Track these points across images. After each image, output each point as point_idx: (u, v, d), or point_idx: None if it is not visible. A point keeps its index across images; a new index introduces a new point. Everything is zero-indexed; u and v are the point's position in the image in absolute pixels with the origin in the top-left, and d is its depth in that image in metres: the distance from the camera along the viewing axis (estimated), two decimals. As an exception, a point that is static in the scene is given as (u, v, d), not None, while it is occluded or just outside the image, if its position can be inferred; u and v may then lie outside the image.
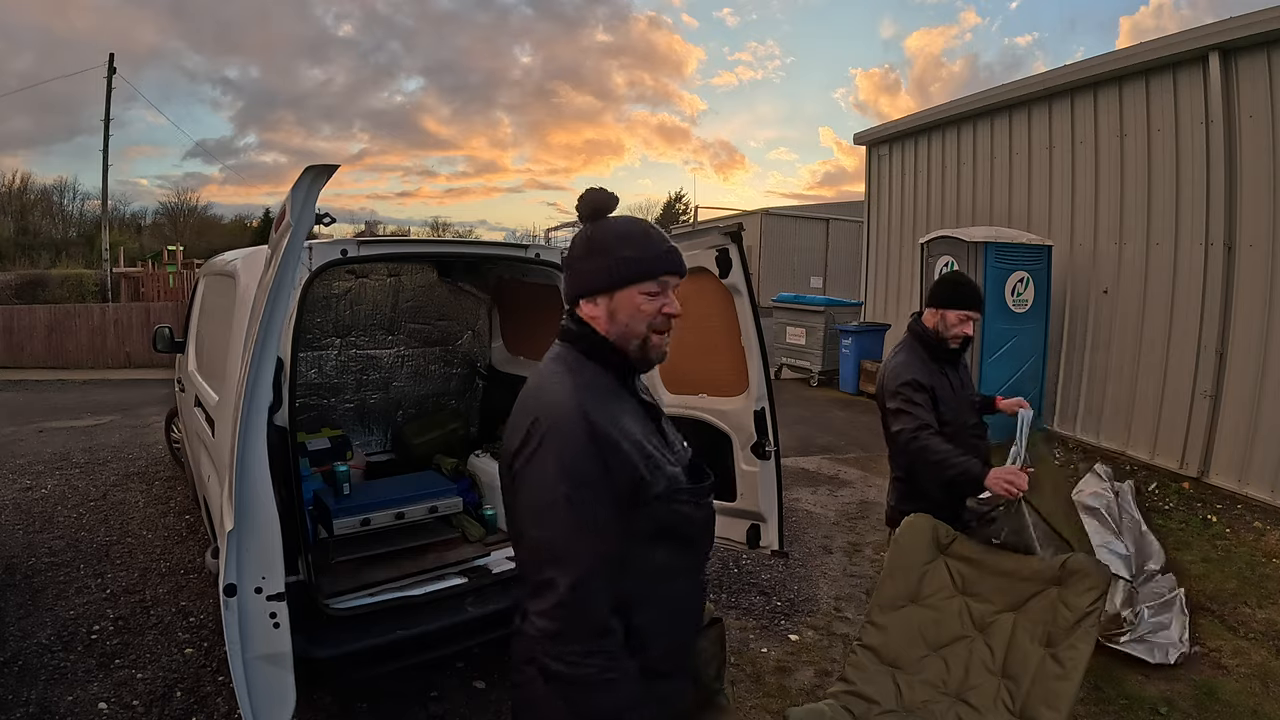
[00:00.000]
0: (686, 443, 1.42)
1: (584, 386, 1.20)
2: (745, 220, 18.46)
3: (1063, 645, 2.10)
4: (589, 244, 1.26)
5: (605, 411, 1.17)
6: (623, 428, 1.18)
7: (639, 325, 1.24)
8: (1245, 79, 5.41)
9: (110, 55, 18.88)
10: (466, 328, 4.63)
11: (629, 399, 1.27)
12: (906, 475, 2.63)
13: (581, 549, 1.12)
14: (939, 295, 2.60)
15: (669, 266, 1.26)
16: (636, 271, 1.23)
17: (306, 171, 1.71)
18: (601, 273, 1.24)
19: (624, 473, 1.15)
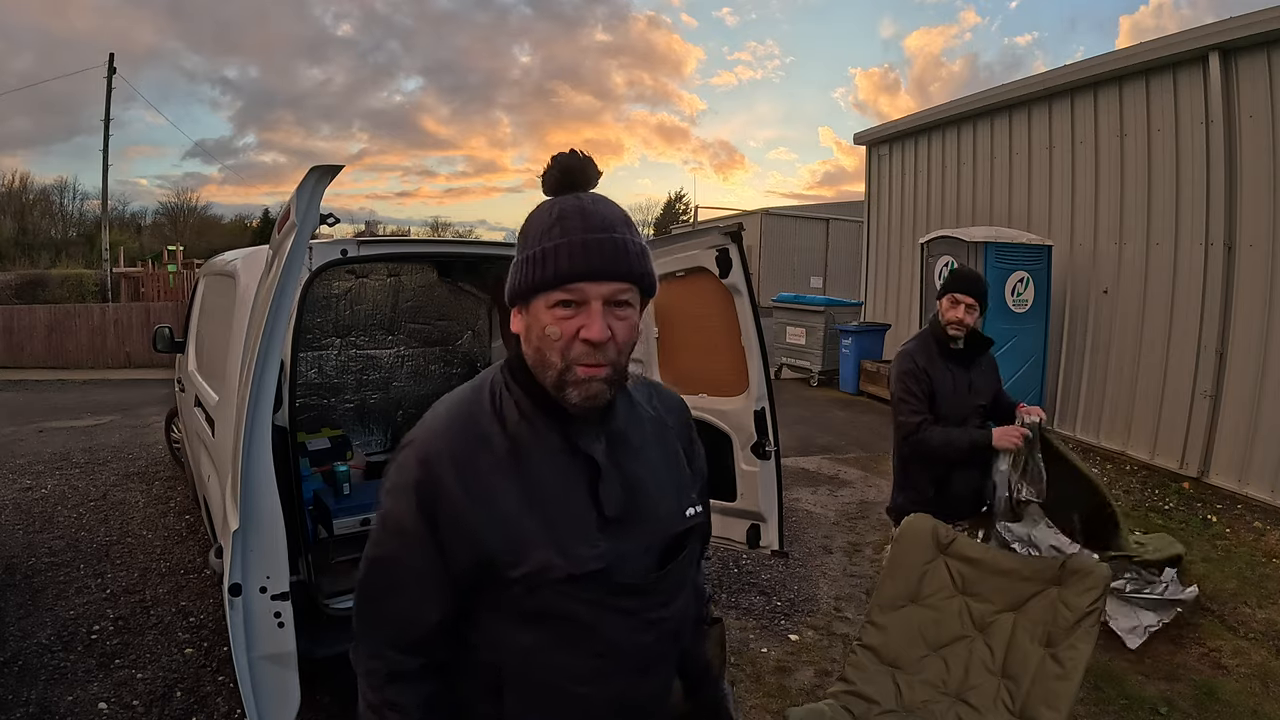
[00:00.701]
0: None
1: (459, 418, 0.95)
2: (745, 220, 18.46)
3: (1063, 645, 2.10)
4: (524, 226, 0.94)
5: (467, 459, 0.92)
6: (482, 487, 0.91)
7: (550, 352, 0.90)
8: (1245, 79, 5.41)
9: (110, 55, 18.89)
10: (466, 328, 4.63)
11: (559, 455, 0.94)
12: (900, 464, 2.73)
13: (370, 616, 0.98)
14: (944, 285, 2.67)
15: (587, 269, 0.86)
16: (538, 276, 0.88)
17: (311, 172, 1.71)
18: (511, 275, 0.93)
19: (461, 540, 0.91)
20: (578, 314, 0.88)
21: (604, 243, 0.88)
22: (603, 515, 0.94)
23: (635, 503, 0.97)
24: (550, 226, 0.89)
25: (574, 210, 0.89)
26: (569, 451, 0.95)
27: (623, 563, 0.95)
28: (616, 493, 0.96)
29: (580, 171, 0.93)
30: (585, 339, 0.88)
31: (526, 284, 0.90)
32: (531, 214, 0.93)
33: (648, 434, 1.04)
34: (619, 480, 0.96)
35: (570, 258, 0.87)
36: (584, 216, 0.89)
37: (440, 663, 0.99)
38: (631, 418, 1.03)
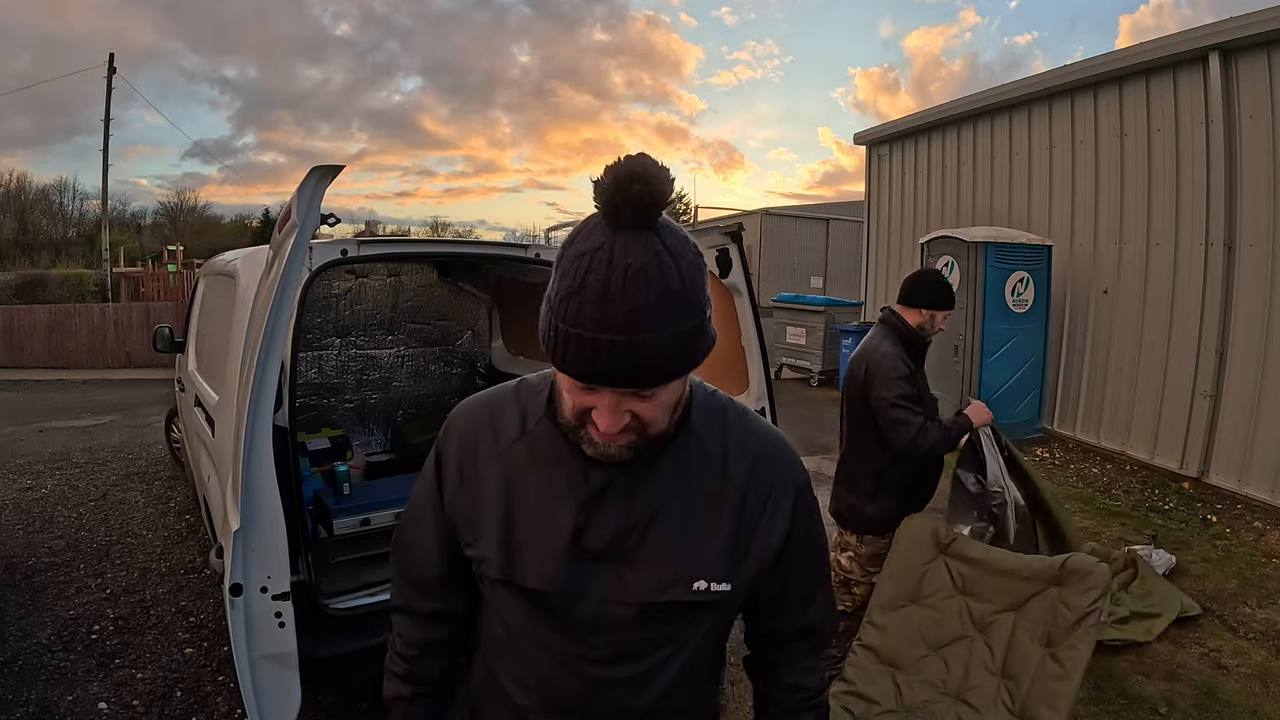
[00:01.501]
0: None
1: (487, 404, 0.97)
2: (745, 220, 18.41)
3: (1063, 645, 2.10)
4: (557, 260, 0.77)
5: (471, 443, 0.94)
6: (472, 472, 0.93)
7: (565, 411, 0.84)
8: (1245, 79, 5.41)
9: (110, 55, 18.90)
10: (466, 328, 4.63)
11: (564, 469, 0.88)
12: (872, 472, 2.63)
13: (398, 546, 1.06)
14: (929, 297, 2.59)
15: (594, 374, 0.74)
16: (556, 355, 0.75)
17: (312, 172, 1.71)
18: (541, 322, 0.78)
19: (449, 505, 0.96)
20: (592, 396, 0.78)
21: (620, 349, 0.71)
22: (577, 542, 0.87)
23: (624, 547, 0.87)
24: (571, 291, 0.72)
25: (599, 284, 0.70)
26: (577, 467, 0.87)
27: (578, 598, 0.88)
28: (604, 527, 0.87)
29: (638, 202, 0.70)
30: (598, 426, 0.80)
31: (548, 346, 0.76)
32: (569, 245, 0.74)
33: (691, 486, 0.89)
34: (616, 517, 0.87)
35: (578, 359, 0.73)
36: (605, 298, 0.69)
37: (458, 615, 1.03)
38: (678, 462, 0.89)
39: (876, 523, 2.64)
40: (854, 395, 2.63)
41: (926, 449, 2.43)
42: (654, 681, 0.92)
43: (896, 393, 2.46)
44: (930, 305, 2.59)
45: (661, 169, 0.71)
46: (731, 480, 0.91)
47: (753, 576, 0.93)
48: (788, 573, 0.97)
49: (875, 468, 2.61)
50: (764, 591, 0.97)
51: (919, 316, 2.60)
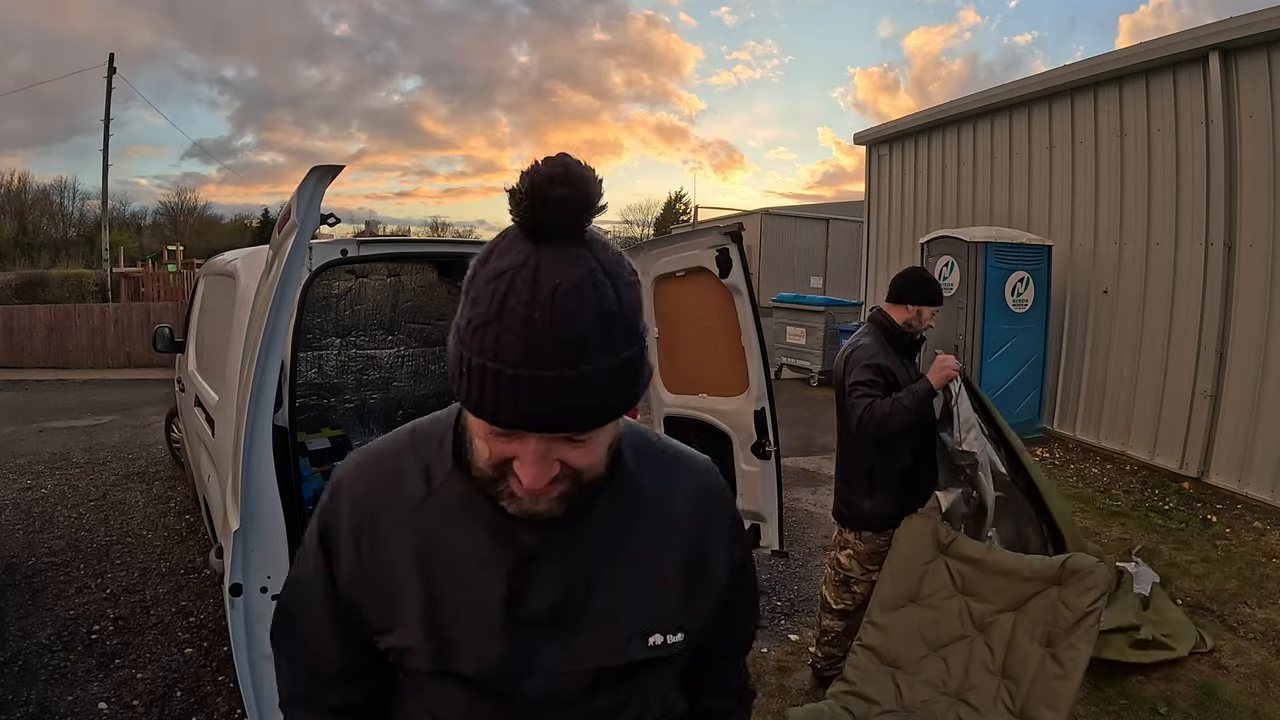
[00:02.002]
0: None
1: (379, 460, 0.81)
2: (745, 220, 18.46)
3: (1063, 645, 2.10)
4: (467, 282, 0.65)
5: (367, 509, 0.78)
6: (371, 542, 0.78)
7: (480, 462, 0.71)
8: (1245, 79, 5.41)
9: (110, 55, 18.90)
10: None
11: (476, 518, 0.75)
12: (866, 470, 2.65)
13: (283, 638, 0.88)
14: (915, 293, 2.64)
15: (515, 418, 0.62)
16: (469, 396, 0.63)
17: (312, 172, 1.71)
18: (452, 341, 0.66)
19: (345, 586, 0.80)
20: (512, 444, 0.66)
21: (549, 386, 0.60)
22: (515, 614, 0.75)
23: (567, 612, 0.77)
24: (488, 320, 0.60)
25: (522, 308, 0.59)
26: (500, 527, 0.74)
27: (524, 677, 0.76)
28: (542, 593, 0.75)
29: (564, 207, 0.60)
30: (515, 473, 0.68)
31: (460, 390, 0.64)
32: (481, 264, 0.63)
33: (632, 533, 0.80)
34: (554, 580, 0.76)
35: (497, 401, 0.61)
36: (530, 326, 0.59)
37: (366, 705, 0.86)
38: (615, 508, 0.78)
39: (874, 519, 2.64)
40: (838, 395, 2.68)
41: (878, 423, 2.41)
42: None
43: (854, 379, 2.51)
44: (916, 301, 2.64)
45: (587, 169, 0.61)
46: (673, 521, 0.83)
47: (705, 618, 0.86)
48: (732, 603, 0.92)
49: (867, 464, 2.63)
50: (709, 625, 0.89)
51: (906, 313, 2.64)
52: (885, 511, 2.63)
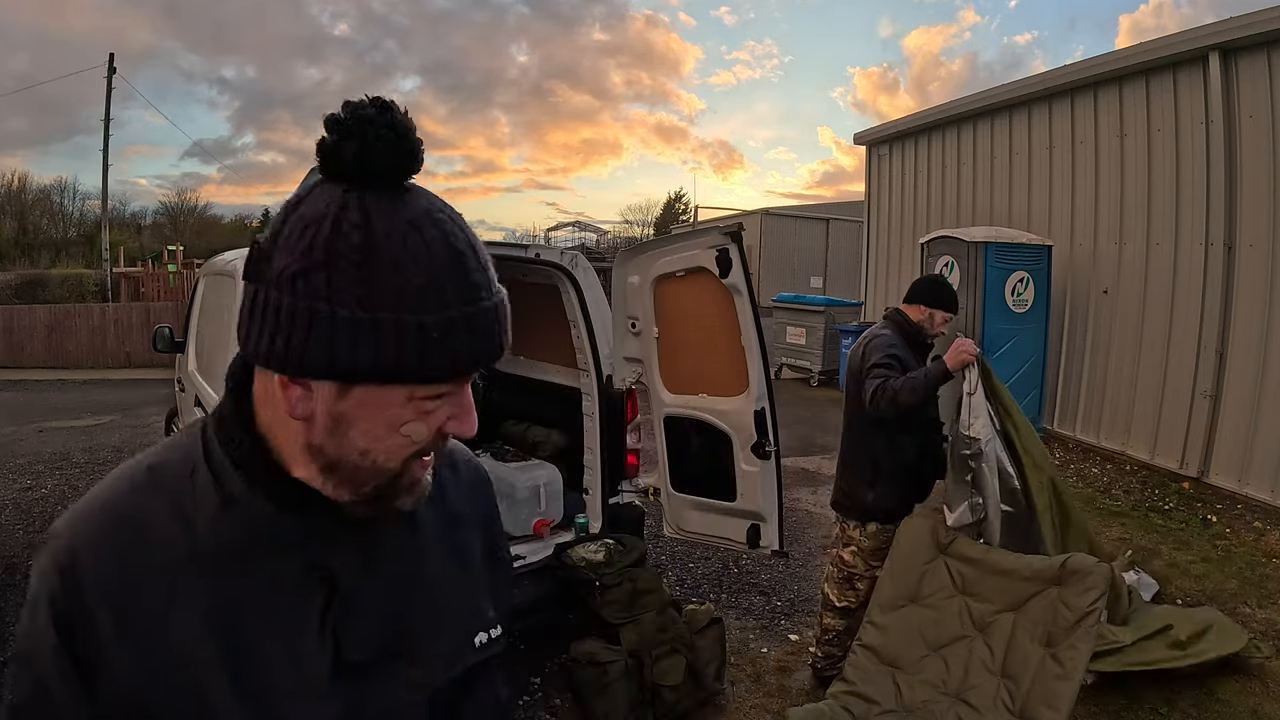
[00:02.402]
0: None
1: (118, 509, 0.63)
2: (745, 220, 18.46)
3: (1063, 645, 2.11)
4: (324, 254, 0.56)
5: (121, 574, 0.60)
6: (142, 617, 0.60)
7: (389, 457, 0.62)
8: (1245, 79, 5.41)
9: (110, 55, 18.90)
10: (467, 328, 4.63)
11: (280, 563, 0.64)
12: (870, 461, 2.69)
13: None
14: (929, 295, 2.72)
15: (477, 357, 0.61)
16: (416, 359, 0.57)
17: (313, 172, 1.71)
18: (344, 338, 0.56)
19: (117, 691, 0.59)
20: (445, 403, 0.62)
21: (491, 315, 0.61)
22: (339, 660, 0.66)
23: (398, 638, 0.70)
24: (429, 281, 0.57)
25: (443, 251, 0.58)
26: (295, 561, 0.64)
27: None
28: (367, 625, 0.67)
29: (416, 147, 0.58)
30: (449, 432, 0.64)
31: (390, 364, 0.57)
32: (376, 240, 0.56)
33: (432, 533, 0.75)
34: (376, 607, 0.68)
35: (471, 345, 0.59)
36: (461, 262, 0.58)
37: None
38: (412, 512, 0.70)
39: (876, 511, 2.66)
40: (852, 381, 2.73)
41: (889, 399, 2.44)
42: None
43: (872, 362, 2.56)
44: (929, 303, 2.69)
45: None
46: (463, 512, 0.79)
47: (508, 608, 0.83)
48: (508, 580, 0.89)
49: (872, 454, 2.67)
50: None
51: (919, 313, 2.71)
52: (888, 504, 2.65)
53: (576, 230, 32.24)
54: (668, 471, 3.26)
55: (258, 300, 0.57)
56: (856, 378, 2.67)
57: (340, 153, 0.56)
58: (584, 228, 32.70)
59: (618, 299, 3.26)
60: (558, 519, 3.43)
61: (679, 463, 3.22)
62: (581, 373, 3.35)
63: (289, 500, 0.63)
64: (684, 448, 3.19)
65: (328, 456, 0.62)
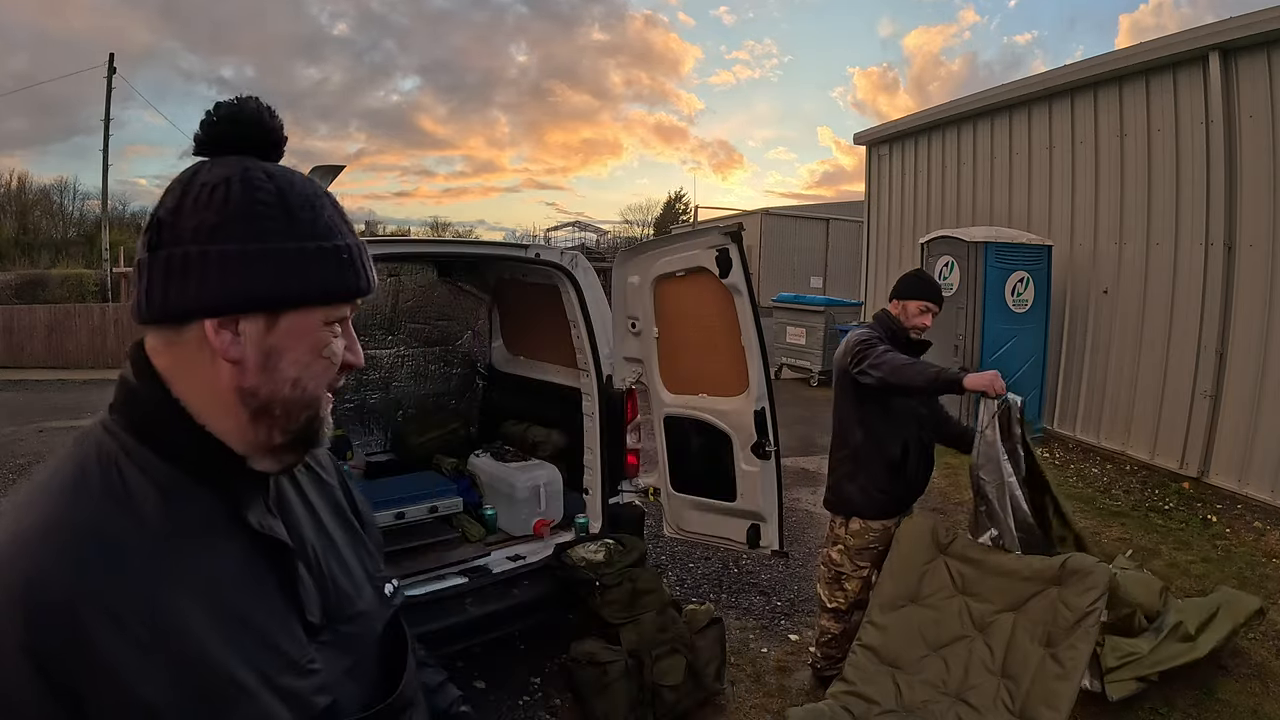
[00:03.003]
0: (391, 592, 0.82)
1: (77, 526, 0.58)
2: (745, 220, 18.46)
3: (1063, 645, 2.11)
4: (243, 203, 0.62)
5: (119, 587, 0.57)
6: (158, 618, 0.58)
7: (316, 383, 0.68)
8: (1245, 79, 5.41)
9: (110, 55, 18.91)
10: (466, 328, 4.63)
11: (231, 540, 0.65)
12: (850, 454, 2.71)
13: None
14: (901, 288, 2.74)
15: (368, 275, 0.70)
16: (338, 278, 0.66)
17: (313, 172, 1.71)
18: (275, 267, 0.62)
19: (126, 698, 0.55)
20: (344, 332, 0.70)
21: (365, 247, 0.70)
22: (306, 621, 0.68)
23: (333, 598, 0.72)
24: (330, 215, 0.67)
25: (315, 196, 0.67)
26: (242, 535, 0.65)
27: (348, 689, 0.70)
28: (312, 585, 0.70)
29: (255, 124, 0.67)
30: (350, 363, 0.71)
31: (316, 285, 0.65)
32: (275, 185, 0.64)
33: (311, 491, 0.79)
34: (311, 568, 0.71)
35: (364, 268, 0.69)
36: (337, 204, 0.69)
37: None
38: (295, 480, 0.77)
39: (858, 505, 2.67)
40: (837, 377, 2.75)
41: (890, 368, 2.41)
42: None
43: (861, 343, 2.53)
44: (902, 296, 2.70)
45: None
46: (321, 475, 0.83)
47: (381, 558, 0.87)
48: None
49: (853, 447, 2.69)
50: None
51: (896, 308, 2.72)
52: (869, 498, 2.65)
53: (576, 230, 32.28)
54: (668, 471, 3.26)
55: (172, 263, 0.61)
56: (842, 375, 2.68)
57: (231, 132, 0.65)
58: (584, 228, 32.74)
59: (618, 299, 3.26)
60: (558, 519, 3.43)
61: (679, 463, 3.22)
62: (581, 373, 3.35)
63: (216, 468, 0.65)
64: (684, 448, 3.19)
65: (260, 398, 0.65)
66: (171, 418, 0.64)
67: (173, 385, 0.64)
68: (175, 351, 0.64)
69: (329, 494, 0.81)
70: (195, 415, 0.64)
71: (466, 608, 2.73)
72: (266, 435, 0.67)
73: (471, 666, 3.07)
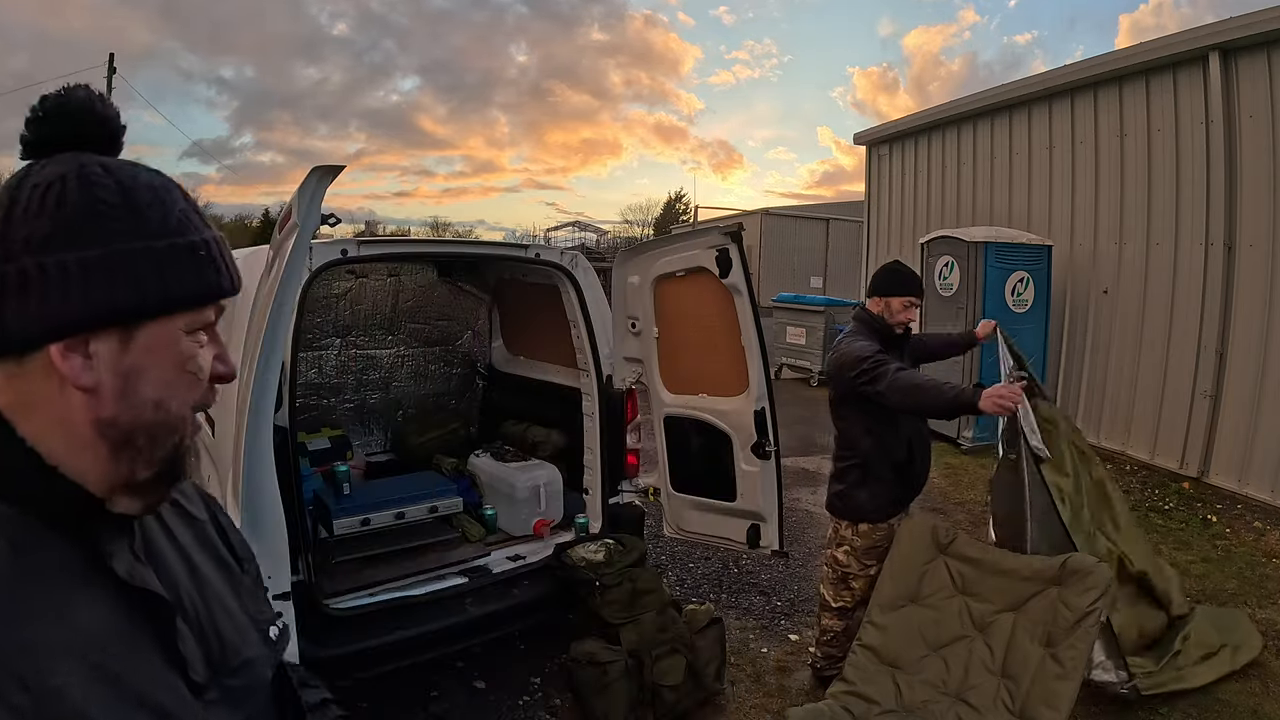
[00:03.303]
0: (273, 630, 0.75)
1: None
2: (745, 220, 18.47)
3: (1063, 645, 2.11)
4: (80, 204, 0.55)
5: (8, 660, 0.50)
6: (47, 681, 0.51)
7: (182, 402, 0.61)
8: (1245, 79, 5.41)
9: (110, 55, 18.92)
10: (466, 328, 4.63)
11: (96, 592, 0.57)
12: (859, 462, 2.67)
13: None
14: (881, 284, 2.70)
15: (231, 272, 0.64)
16: (197, 278, 0.60)
17: (313, 172, 1.71)
18: (117, 273, 0.55)
19: None
20: (210, 342, 0.64)
21: (224, 242, 0.64)
22: (190, 680, 0.60)
23: (220, 646, 0.65)
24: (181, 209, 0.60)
25: (164, 190, 0.60)
26: (109, 586, 0.57)
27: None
28: (192, 638, 0.63)
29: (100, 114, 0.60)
30: (220, 375, 0.64)
31: (176, 290, 0.58)
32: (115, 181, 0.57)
33: (180, 530, 0.70)
34: (186, 617, 0.63)
35: (225, 264, 0.62)
36: (188, 197, 0.63)
37: None
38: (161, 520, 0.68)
39: (869, 510, 2.67)
40: (833, 389, 2.73)
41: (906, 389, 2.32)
42: None
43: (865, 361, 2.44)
44: (881, 292, 2.68)
45: None
46: (190, 510, 0.74)
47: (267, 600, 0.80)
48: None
49: (862, 455, 2.66)
50: None
51: (878, 305, 2.70)
52: (880, 503, 2.66)
53: (576, 230, 32.27)
54: (668, 471, 3.27)
55: (5, 282, 0.53)
56: (841, 385, 2.61)
57: (60, 126, 0.58)
58: (584, 228, 32.73)
59: (618, 299, 3.26)
60: (558, 519, 3.44)
61: (679, 463, 3.23)
62: (581, 373, 3.35)
63: (72, 514, 0.57)
64: (684, 448, 3.19)
65: (121, 428, 0.57)
66: (16, 463, 0.55)
67: (18, 425, 0.55)
68: (18, 385, 0.55)
69: (200, 530, 0.73)
70: (47, 456, 0.56)
71: (466, 608, 2.73)
72: (129, 470, 0.58)
73: (471, 666, 3.07)
